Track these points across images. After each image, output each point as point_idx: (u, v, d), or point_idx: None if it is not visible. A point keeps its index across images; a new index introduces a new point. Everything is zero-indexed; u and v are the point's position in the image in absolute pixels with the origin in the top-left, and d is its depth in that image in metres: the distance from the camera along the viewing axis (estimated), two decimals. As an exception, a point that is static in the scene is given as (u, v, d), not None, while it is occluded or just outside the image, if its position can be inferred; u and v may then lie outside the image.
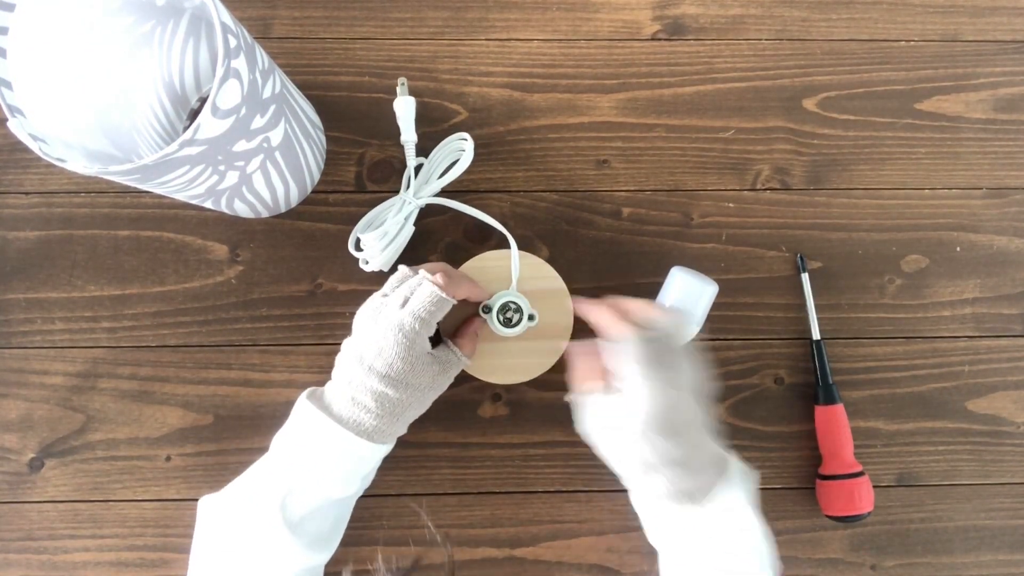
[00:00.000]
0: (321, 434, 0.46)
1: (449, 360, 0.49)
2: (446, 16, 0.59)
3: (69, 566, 0.55)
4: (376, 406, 0.46)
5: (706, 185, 0.59)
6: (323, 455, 0.46)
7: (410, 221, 0.55)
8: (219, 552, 0.46)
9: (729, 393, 0.57)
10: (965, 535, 0.57)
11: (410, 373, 0.46)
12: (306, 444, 0.46)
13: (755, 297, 0.58)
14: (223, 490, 0.48)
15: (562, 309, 0.54)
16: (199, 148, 0.39)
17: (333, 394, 0.47)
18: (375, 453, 0.48)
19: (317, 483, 0.46)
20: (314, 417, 0.46)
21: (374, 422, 0.46)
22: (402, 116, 0.56)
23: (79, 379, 0.56)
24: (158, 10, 0.48)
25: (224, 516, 0.47)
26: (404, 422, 0.48)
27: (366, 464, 0.48)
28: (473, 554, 0.56)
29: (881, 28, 0.60)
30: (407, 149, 0.56)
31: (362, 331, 0.48)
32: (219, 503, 0.47)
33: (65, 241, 0.57)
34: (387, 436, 0.47)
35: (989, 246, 0.59)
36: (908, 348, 0.58)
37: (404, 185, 0.55)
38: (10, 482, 0.55)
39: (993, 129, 0.60)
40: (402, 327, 0.46)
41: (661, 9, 0.60)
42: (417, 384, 0.47)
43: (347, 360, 0.47)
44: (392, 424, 0.47)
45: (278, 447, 0.48)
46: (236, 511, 0.46)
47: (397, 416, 0.47)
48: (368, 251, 0.53)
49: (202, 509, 0.48)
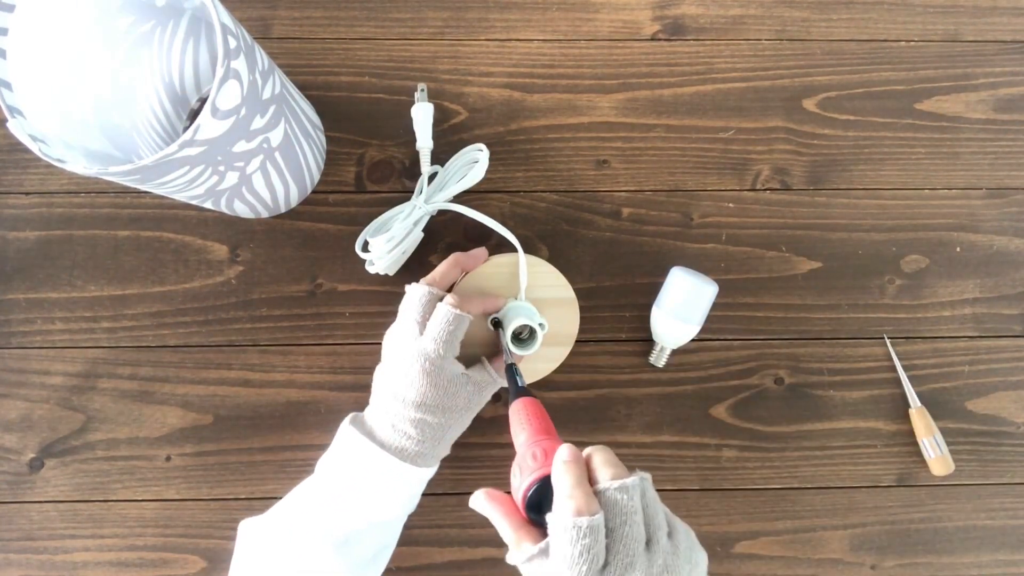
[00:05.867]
0: (366, 460, 0.46)
1: (484, 380, 0.49)
2: (446, 16, 0.59)
3: (69, 566, 0.55)
4: (417, 433, 0.46)
5: (706, 185, 0.59)
6: (369, 480, 0.46)
7: (419, 226, 0.55)
8: (263, 575, 0.46)
9: (729, 393, 0.57)
10: (965, 535, 0.57)
11: (444, 397, 0.46)
12: (352, 469, 0.46)
13: (755, 297, 0.58)
14: (266, 514, 0.47)
15: (567, 317, 0.54)
16: (199, 149, 0.39)
17: (374, 420, 0.48)
18: (420, 476, 0.47)
19: (363, 507, 0.46)
20: (359, 443, 0.46)
21: (416, 448, 0.46)
22: (419, 122, 0.56)
23: (79, 379, 0.56)
24: (158, 11, 0.48)
25: (268, 539, 0.46)
26: (447, 444, 0.49)
27: (411, 487, 0.48)
28: (473, 554, 0.56)
29: (881, 28, 0.60)
30: (422, 155, 0.56)
31: (390, 361, 0.48)
32: (262, 526, 0.47)
33: (65, 241, 0.57)
34: (431, 459, 0.48)
35: (989, 246, 0.59)
36: (908, 348, 0.58)
37: (417, 191, 0.55)
38: (10, 482, 0.55)
39: (993, 129, 0.60)
40: (427, 355, 0.46)
41: (661, 9, 0.60)
42: (453, 406, 0.47)
43: (381, 392, 0.48)
44: (435, 447, 0.47)
45: (322, 471, 0.48)
46: (281, 534, 0.46)
47: (439, 439, 0.47)
48: (374, 253, 0.53)
49: (243, 532, 0.47)
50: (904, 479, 0.57)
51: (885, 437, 0.57)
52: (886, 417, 0.57)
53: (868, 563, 0.57)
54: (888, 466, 0.57)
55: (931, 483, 0.57)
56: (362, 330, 0.57)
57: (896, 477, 0.57)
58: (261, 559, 0.46)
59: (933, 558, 0.57)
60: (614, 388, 0.57)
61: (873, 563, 0.57)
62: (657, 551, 0.33)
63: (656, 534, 0.34)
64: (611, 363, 0.57)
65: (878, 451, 0.57)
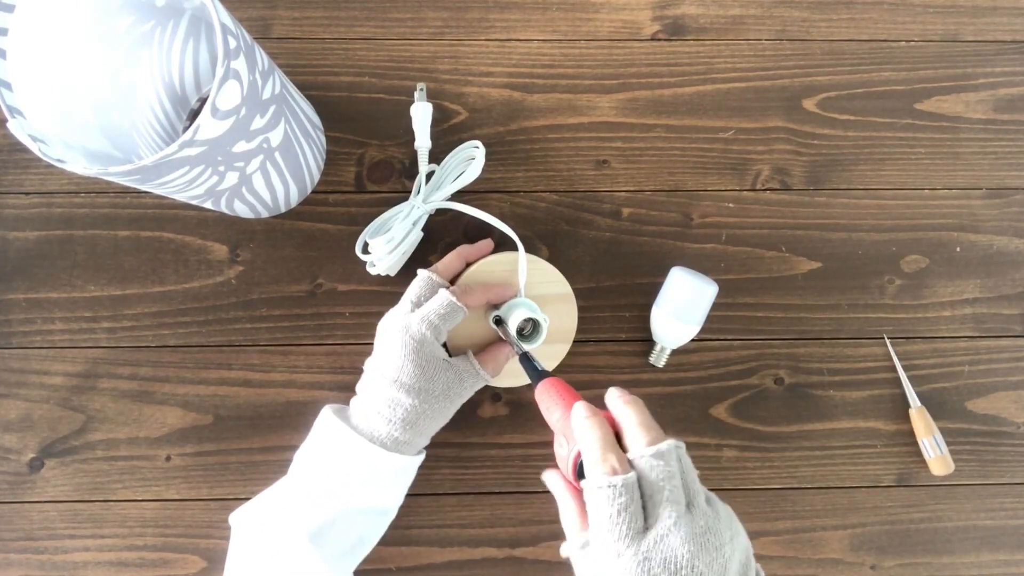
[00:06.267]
0: (334, 441, 0.46)
1: (465, 370, 0.49)
2: (446, 16, 0.59)
3: (69, 566, 0.55)
4: (389, 411, 0.46)
5: (706, 185, 0.59)
6: (337, 463, 0.46)
7: (418, 226, 0.55)
8: (246, 565, 0.46)
9: (729, 393, 0.57)
10: (965, 535, 0.57)
11: (421, 378, 0.46)
12: (323, 453, 0.47)
13: (755, 297, 0.58)
14: (250, 502, 0.48)
15: (566, 313, 0.54)
16: (199, 149, 0.39)
17: (355, 406, 0.48)
18: (394, 464, 0.47)
19: (333, 492, 0.46)
20: (330, 425, 0.47)
21: (387, 428, 0.46)
22: (418, 121, 0.56)
23: (79, 379, 0.56)
24: (158, 11, 0.48)
25: (250, 529, 0.47)
26: (420, 432, 0.48)
27: (380, 474, 0.47)
28: (473, 554, 0.56)
29: (881, 28, 0.60)
30: (420, 154, 0.56)
31: (379, 340, 0.49)
32: (246, 515, 0.47)
33: (65, 241, 0.57)
34: (402, 446, 0.47)
35: (989, 246, 0.59)
36: (908, 348, 0.58)
37: (415, 191, 0.55)
38: (10, 482, 0.55)
39: (993, 129, 0.60)
40: (409, 330, 0.46)
41: (661, 9, 0.60)
42: (430, 389, 0.47)
43: (365, 371, 0.49)
44: (407, 432, 0.47)
45: (298, 458, 0.48)
46: (260, 523, 0.46)
47: (411, 424, 0.47)
48: (375, 254, 0.53)
49: (233, 523, 0.48)
50: (904, 479, 0.57)
51: (885, 437, 0.57)
52: (886, 417, 0.58)
53: (868, 563, 0.57)
54: (888, 466, 0.57)
55: (931, 483, 0.57)
56: (362, 330, 0.57)
57: (896, 477, 0.57)
58: (245, 550, 0.46)
59: (933, 558, 0.57)
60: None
61: (873, 563, 0.57)
62: (698, 514, 0.33)
63: (695, 499, 0.34)
64: (611, 363, 0.57)
65: (878, 451, 0.57)
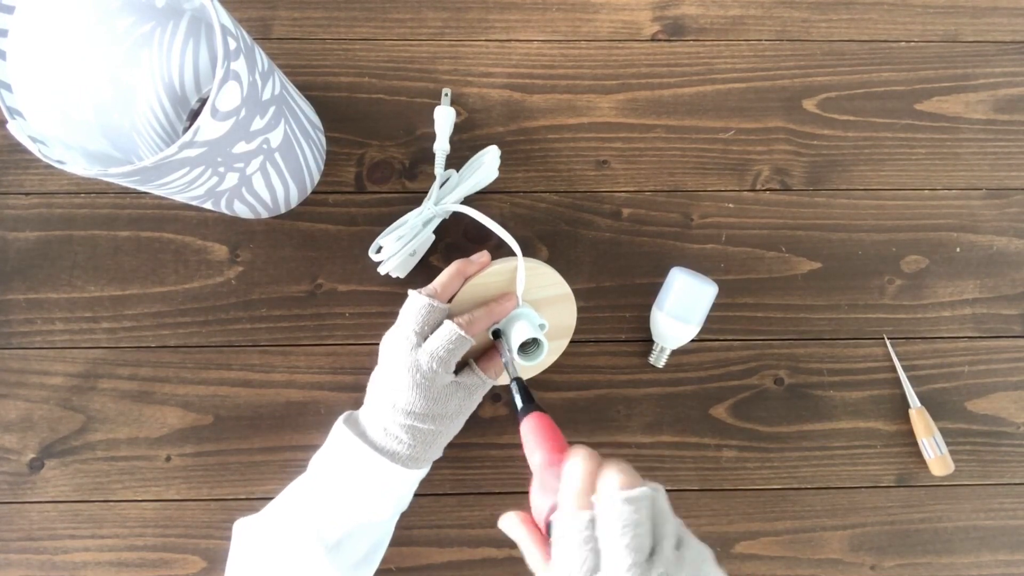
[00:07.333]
0: (359, 461, 0.46)
1: (473, 384, 0.49)
2: (446, 16, 0.59)
3: (69, 566, 0.55)
4: (408, 437, 0.46)
5: (706, 186, 0.59)
6: (360, 480, 0.46)
7: (429, 227, 0.55)
8: (256, 575, 0.46)
9: (729, 393, 0.57)
10: (965, 535, 0.57)
11: (435, 407, 0.47)
12: (343, 469, 0.47)
13: (755, 297, 0.58)
14: (259, 513, 0.47)
15: (565, 310, 0.54)
16: (199, 150, 0.39)
17: (368, 421, 0.48)
18: (411, 478, 0.48)
19: (354, 507, 0.46)
20: (351, 444, 0.46)
21: (408, 451, 0.46)
22: (440, 125, 0.56)
23: (79, 379, 0.56)
24: (158, 11, 0.48)
25: (261, 539, 0.46)
26: (439, 447, 0.49)
27: (402, 489, 0.48)
28: (473, 554, 0.56)
29: (881, 28, 0.60)
30: (438, 157, 0.56)
31: (385, 366, 0.48)
32: (256, 525, 0.47)
33: (65, 241, 0.57)
34: (422, 462, 0.48)
35: (989, 246, 0.59)
36: (908, 348, 0.58)
37: (430, 194, 0.55)
38: (10, 482, 0.55)
39: (993, 130, 0.60)
40: (419, 368, 0.46)
41: (661, 10, 0.60)
42: (444, 413, 0.47)
43: (375, 394, 0.48)
44: (427, 451, 0.47)
45: (315, 470, 0.48)
46: (273, 534, 0.46)
47: (430, 444, 0.47)
48: (386, 251, 0.53)
49: (238, 532, 0.47)
50: (904, 479, 0.57)
51: (885, 437, 0.57)
52: (886, 417, 0.58)
53: (868, 563, 0.57)
54: (888, 466, 0.57)
55: (931, 483, 0.57)
56: (362, 331, 0.57)
57: (896, 477, 0.57)
58: (254, 560, 0.46)
59: (933, 558, 0.57)
60: (614, 388, 0.57)
61: (873, 563, 0.57)
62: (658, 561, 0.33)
63: (661, 543, 0.34)
64: (611, 363, 0.57)
65: (878, 451, 0.57)
